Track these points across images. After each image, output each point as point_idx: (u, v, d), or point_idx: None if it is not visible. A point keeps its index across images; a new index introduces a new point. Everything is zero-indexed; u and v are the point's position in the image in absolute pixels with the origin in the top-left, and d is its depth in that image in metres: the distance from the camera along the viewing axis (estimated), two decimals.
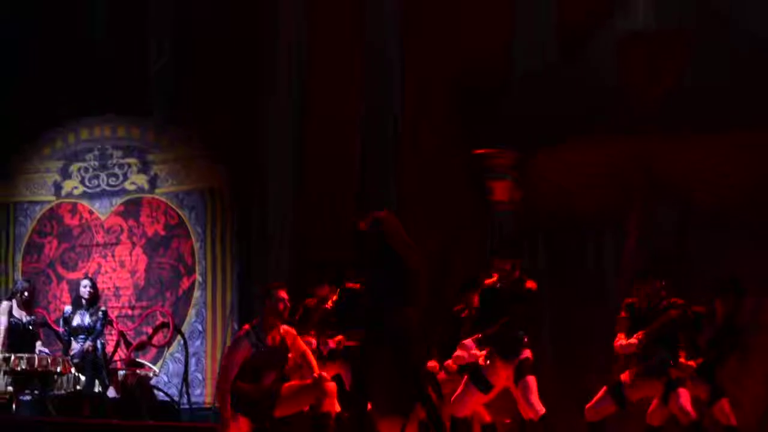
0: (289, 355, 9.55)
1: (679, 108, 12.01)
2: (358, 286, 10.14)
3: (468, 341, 9.37)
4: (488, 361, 9.30)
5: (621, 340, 9.23)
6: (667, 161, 12.09)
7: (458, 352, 9.41)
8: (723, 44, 11.90)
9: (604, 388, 9.47)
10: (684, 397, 9.09)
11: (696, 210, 12.07)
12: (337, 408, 9.48)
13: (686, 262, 11.50)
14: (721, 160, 11.81)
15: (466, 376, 9.49)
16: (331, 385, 9.00)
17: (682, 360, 9.32)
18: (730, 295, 10.04)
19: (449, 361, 10.27)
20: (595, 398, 9.50)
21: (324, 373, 9.01)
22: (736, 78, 11.75)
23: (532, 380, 9.30)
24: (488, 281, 9.56)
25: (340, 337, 10.39)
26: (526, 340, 9.39)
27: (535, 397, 9.25)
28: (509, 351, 9.31)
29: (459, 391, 9.48)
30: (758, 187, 11.65)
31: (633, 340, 9.10)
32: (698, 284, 10.66)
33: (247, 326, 9.20)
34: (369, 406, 9.59)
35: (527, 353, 9.35)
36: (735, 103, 11.67)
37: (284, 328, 9.04)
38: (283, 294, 9.05)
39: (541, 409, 9.25)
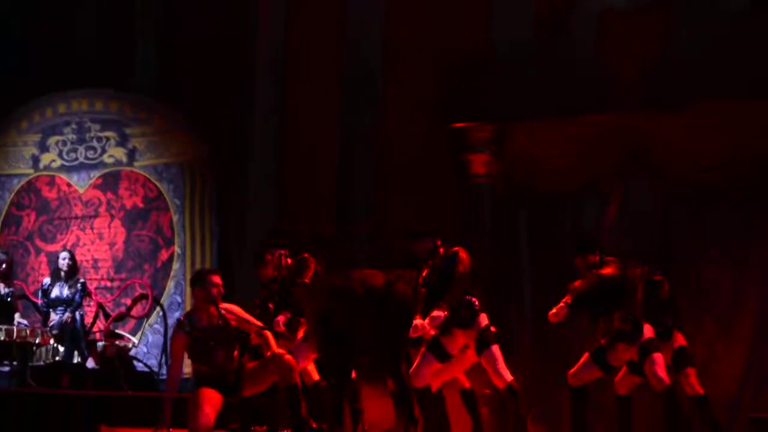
0: (279, 318, 9.65)
1: (658, 82, 12.05)
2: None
3: (435, 313, 9.35)
4: (444, 331, 9.33)
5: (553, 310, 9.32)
6: (647, 136, 12.14)
7: (415, 322, 9.41)
8: (701, 18, 11.94)
9: (587, 354, 9.54)
10: (658, 363, 9.15)
11: (676, 183, 12.13)
12: (314, 377, 9.51)
13: (666, 236, 11.56)
14: (701, 134, 11.86)
15: (423, 347, 9.52)
16: (289, 358, 8.96)
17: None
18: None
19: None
20: (578, 364, 9.57)
21: (279, 350, 8.97)
22: (715, 51, 11.79)
23: (496, 349, 9.32)
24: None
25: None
26: (477, 304, 9.41)
27: (501, 366, 9.27)
28: (464, 319, 9.35)
29: (417, 361, 9.51)
30: (738, 160, 11.71)
31: (560, 303, 9.17)
32: (679, 257, 10.76)
33: (182, 316, 9.23)
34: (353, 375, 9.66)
35: (484, 319, 9.37)
36: (714, 76, 11.71)
37: (226, 306, 9.01)
38: (217, 279, 8.99)
39: (509, 377, 9.29)
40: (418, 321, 9.24)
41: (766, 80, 11.44)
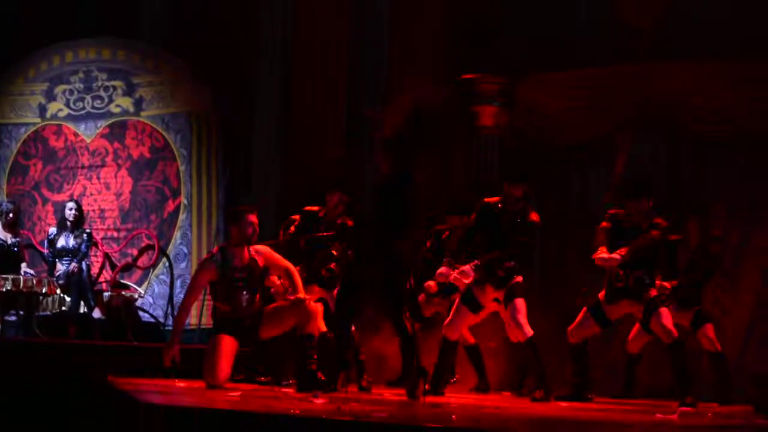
0: (272, 278, 9.58)
1: (669, 36, 11.97)
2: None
3: (467, 268, 9.31)
4: (478, 283, 9.33)
5: (603, 253, 9.18)
6: (657, 87, 12.07)
7: (441, 270, 9.38)
8: None
9: (584, 309, 9.52)
10: (665, 316, 9.13)
11: (685, 138, 12.08)
12: (322, 328, 9.51)
13: (675, 190, 11.51)
14: (712, 89, 11.80)
15: (457, 299, 9.52)
16: (314, 306, 8.98)
17: (658, 281, 9.34)
18: (700, 219, 10.10)
19: (430, 282, 10.32)
20: (577, 320, 9.55)
21: (305, 295, 8.95)
22: (728, 6, 11.71)
23: (521, 302, 9.33)
24: (490, 199, 9.51)
25: None
26: (516, 268, 9.42)
27: (524, 319, 9.28)
28: (500, 280, 9.35)
29: (451, 313, 9.51)
30: (749, 116, 11.65)
31: (616, 255, 9.06)
32: (686, 212, 10.70)
33: (215, 249, 9.21)
34: (353, 328, 9.68)
35: (518, 278, 9.38)
36: (726, 32, 11.63)
37: (256, 247, 9.00)
38: (253, 218, 8.97)
39: (529, 332, 9.29)
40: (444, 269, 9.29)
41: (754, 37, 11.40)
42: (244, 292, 8.89)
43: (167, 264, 13.50)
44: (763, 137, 11.58)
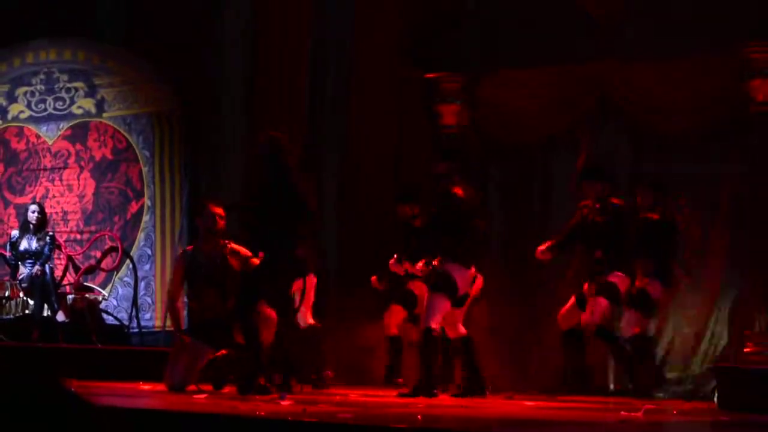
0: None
1: (629, 33, 12.04)
2: None
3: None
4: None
5: (540, 247, 9.33)
6: (616, 84, 12.15)
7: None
8: None
9: (573, 297, 9.67)
10: (599, 305, 9.22)
11: (645, 131, 12.16)
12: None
13: (636, 184, 11.56)
14: (671, 86, 11.88)
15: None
16: (269, 312, 8.88)
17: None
18: (649, 190, 10.16)
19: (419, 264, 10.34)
20: (565, 307, 9.69)
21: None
22: (687, 2, 11.79)
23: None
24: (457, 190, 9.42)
25: None
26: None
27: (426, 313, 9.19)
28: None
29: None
30: (704, 108, 11.74)
31: (543, 247, 9.21)
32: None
33: (190, 246, 9.19)
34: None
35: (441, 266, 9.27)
36: (685, 28, 11.71)
37: (234, 246, 8.95)
38: (216, 210, 8.94)
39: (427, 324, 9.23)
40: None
41: (730, 34, 11.47)
42: (212, 290, 8.84)
43: (131, 266, 13.45)
44: (719, 130, 11.69)
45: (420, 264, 9.36)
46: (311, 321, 10.03)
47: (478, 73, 12.61)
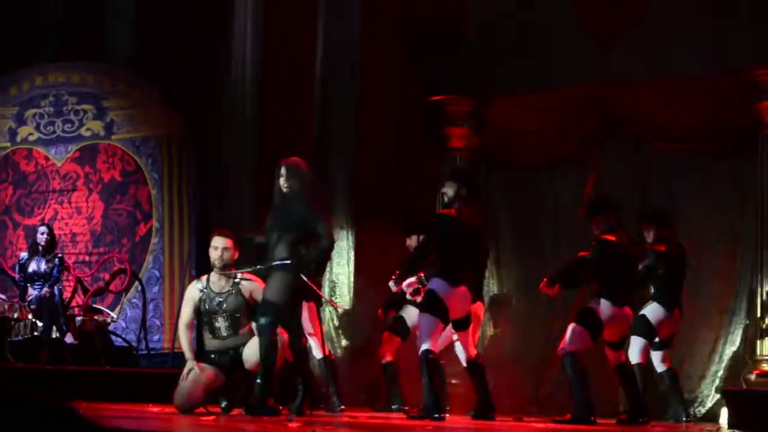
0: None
1: (632, 53, 12.08)
2: None
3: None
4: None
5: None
6: (624, 105, 12.17)
7: None
8: None
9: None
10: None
11: (652, 152, 12.17)
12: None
13: (645, 205, 11.58)
14: (676, 107, 11.90)
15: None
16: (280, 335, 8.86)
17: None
18: (652, 225, 10.11)
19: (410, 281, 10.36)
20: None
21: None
22: (692, 22, 11.82)
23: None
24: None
25: None
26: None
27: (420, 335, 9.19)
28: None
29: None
30: (713, 132, 11.75)
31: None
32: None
33: (203, 276, 9.13)
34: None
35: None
36: (690, 50, 11.75)
37: (248, 275, 8.87)
38: (217, 242, 8.81)
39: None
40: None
41: (736, 56, 11.50)
42: (221, 319, 8.81)
43: (139, 288, 13.47)
44: (726, 149, 11.71)
45: (411, 280, 9.21)
46: (326, 352, 10.05)
47: (485, 97, 12.62)
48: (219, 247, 8.78)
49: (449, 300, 8.84)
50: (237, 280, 8.80)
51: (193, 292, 8.86)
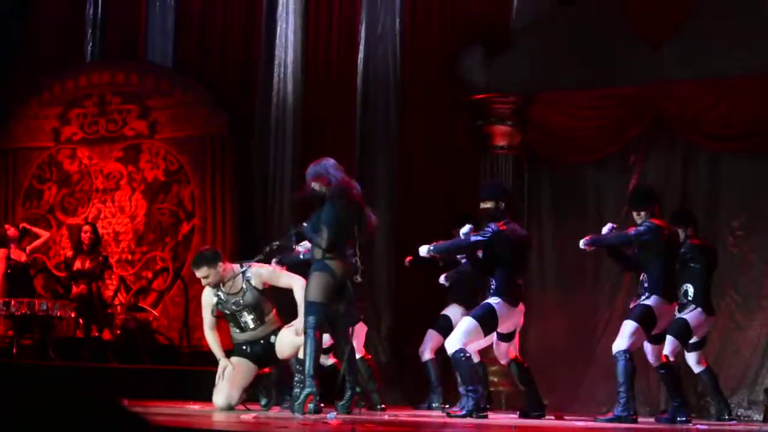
0: None
1: (681, 52, 11.97)
2: None
3: None
4: None
5: None
6: (670, 105, 12.06)
7: None
8: None
9: None
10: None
11: (698, 152, 12.07)
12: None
13: (688, 205, 11.47)
14: (722, 103, 11.78)
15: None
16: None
17: None
18: (681, 225, 9.94)
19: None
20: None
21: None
22: (737, 23, 11.71)
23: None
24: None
25: None
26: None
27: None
28: None
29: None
30: (758, 128, 11.63)
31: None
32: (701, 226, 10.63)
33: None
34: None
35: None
36: (738, 49, 11.63)
37: (255, 268, 8.84)
38: (195, 272, 8.84)
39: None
40: None
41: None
42: (245, 313, 8.83)
43: (182, 286, 13.49)
44: None
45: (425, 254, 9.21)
46: (362, 352, 10.02)
47: (529, 95, 12.55)
48: (199, 278, 8.82)
49: (505, 320, 8.90)
50: (248, 276, 8.79)
51: (209, 297, 8.87)
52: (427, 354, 10.72)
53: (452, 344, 8.80)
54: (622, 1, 12.35)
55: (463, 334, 8.81)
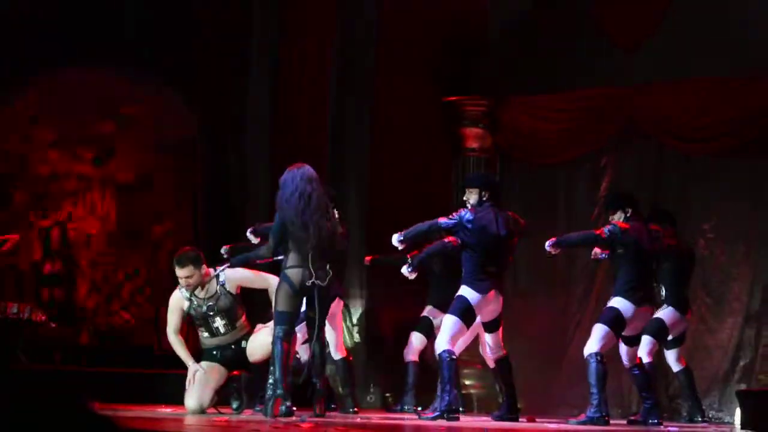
0: None
1: (653, 54, 12.03)
2: None
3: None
4: None
5: None
6: (641, 107, 12.12)
7: None
8: None
9: None
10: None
11: (669, 154, 12.13)
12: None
13: (661, 204, 11.52)
14: (693, 105, 11.85)
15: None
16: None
17: None
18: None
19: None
20: None
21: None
22: (707, 26, 11.79)
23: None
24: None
25: None
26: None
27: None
28: None
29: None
30: (732, 134, 11.71)
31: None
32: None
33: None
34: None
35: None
36: (710, 51, 11.70)
37: (230, 272, 8.83)
38: (177, 270, 8.68)
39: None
40: None
41: (758, 57, 11.47)
42: (218, 319, 8.80)
43: (153, 289, 13.47)
44: (745, 153, 11.65)
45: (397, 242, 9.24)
46: (343, 353, 10.02)
47: (501, 97, 12.58)
48: (181, 277, 8.74)
49: (480, 308, 8.90)
50: (222, 281, 8.77)
51: (180, 301, 8.81)
52: (410, 356, 10.70)
53: (440, 344, 8.86)
54: (593, 5, 12.41)
55: (449, 333, 8.86)
